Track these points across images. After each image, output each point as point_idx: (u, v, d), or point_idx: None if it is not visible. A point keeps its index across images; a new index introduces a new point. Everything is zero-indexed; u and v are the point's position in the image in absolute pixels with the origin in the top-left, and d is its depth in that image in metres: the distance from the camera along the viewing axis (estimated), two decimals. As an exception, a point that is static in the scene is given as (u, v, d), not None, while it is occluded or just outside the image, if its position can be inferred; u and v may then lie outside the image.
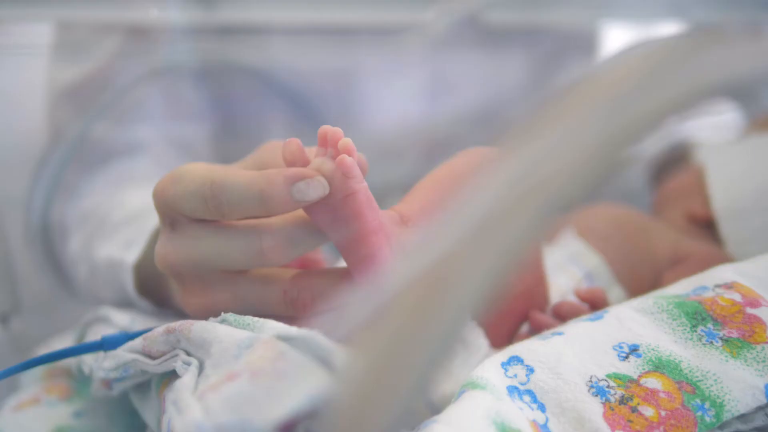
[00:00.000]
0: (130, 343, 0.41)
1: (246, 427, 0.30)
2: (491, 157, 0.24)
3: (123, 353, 0.41)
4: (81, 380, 0.55)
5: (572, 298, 0.51)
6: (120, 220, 0.64)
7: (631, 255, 0.60)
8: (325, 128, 0.39)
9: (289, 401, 0.29)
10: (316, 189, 0.38)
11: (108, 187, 0.73)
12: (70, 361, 0.54)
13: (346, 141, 0.39)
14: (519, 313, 0.49)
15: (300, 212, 0.41)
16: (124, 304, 0.58)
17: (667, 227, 0.64)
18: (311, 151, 0.41)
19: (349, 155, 0.38)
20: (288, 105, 0.83)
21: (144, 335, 0.41)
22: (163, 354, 0.40)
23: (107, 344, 0.43)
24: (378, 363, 0.22)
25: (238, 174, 0.39)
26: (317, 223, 0.40)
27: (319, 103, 0.83)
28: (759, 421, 0.38)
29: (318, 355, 0.32)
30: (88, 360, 0.47)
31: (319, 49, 0.82)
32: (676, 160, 0.80)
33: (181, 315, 0.45)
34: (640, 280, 0.58)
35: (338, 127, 0.40)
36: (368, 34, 0.82)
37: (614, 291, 0.57)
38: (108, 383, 0.44)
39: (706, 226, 0.65)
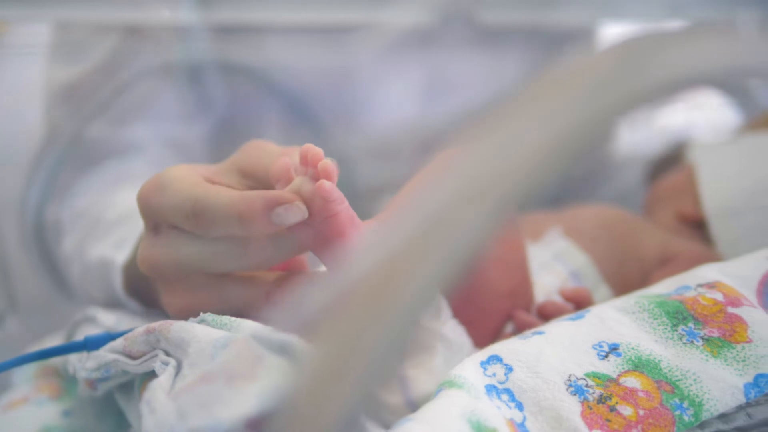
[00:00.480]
0: (111, 344, 0.42)
1: (217, 427, 0.30)
2: (450, 153, 0.24)
3: (104, 353, 0.41)
4: (71, 380, 0.55)
5: (557, 298, 0.51)
6: (113, 220, 0.64)
7: (619, 255, 0.59)
8: (307, 147, 0.40)
9: (256, 398, 0.29)
10: (294, 214, 0.38)
11: (103, 187, 0.74)
12: (60, 360, 0.55)
13: (326, 163, 0.39)
14: (503, 313, 0.48)
15: None
16: (115, 304, 0.58)
17: (656, 227, 0.64)
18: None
19: (329, 179, 0.38)
20: (284, 105, 0.83)
21: (125, 335, 0.41)
22: (144, 354, 0.40)
23: (90, 344, 0.43)
24: (333, 354, 0.22)
25: (219, 194, 0.39)
26: (301, 239, 0.41)
27: (316, 103, 0.83)
28: (740, 420, 0.38)
29: (291, 354, 0.32)
30: (73, 360, 0.47)
31: (316, 48, 0.82)
32: (672, 160, 0.80)
33: (169, 315, 0.45)
34: (628, 280, 0.57)
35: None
36: (365, 33, 0.82)
37: (601, 290, 0.56)
38: (92, 383, 0.44)
39: (697, 226, 0.65)
